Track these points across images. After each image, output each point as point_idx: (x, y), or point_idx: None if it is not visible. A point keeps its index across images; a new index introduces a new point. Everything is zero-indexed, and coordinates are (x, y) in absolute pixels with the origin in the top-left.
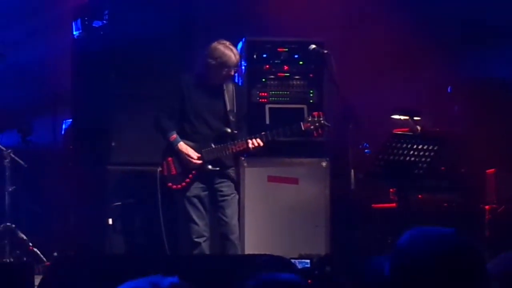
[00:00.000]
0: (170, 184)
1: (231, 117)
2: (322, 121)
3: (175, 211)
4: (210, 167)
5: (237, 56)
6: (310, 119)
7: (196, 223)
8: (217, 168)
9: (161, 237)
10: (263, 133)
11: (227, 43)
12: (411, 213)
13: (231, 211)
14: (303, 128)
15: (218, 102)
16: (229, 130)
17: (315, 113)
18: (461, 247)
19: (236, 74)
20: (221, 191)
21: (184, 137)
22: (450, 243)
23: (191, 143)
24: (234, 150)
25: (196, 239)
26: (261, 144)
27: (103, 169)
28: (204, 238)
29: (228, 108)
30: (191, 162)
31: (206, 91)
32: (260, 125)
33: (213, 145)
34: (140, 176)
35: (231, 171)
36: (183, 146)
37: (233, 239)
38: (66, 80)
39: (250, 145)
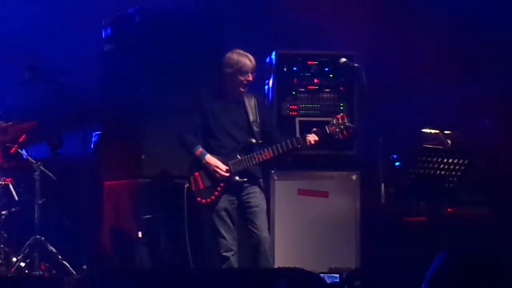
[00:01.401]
0: (199, 198)
1: (254, 127)
2: (347, 123)
3: (203, 225)
4: (237, 178)
5: (253, 62)
6: (334, 122)
7: (224, 237)
8: (245, 179)
9: (187, 252)
10: (304, 135)
11: (241, 51)
12: (442, 227)
13: (260, 223)
14: (328, 132)
15: (240, 114)
16: (254, 140)
17: (339, 116)
18: (494, 266)
19: (267, 87)
20: (249, 202)
21: (210, 151)
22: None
23: (217, 157)
24: (260, 160)
25: (224, 253)
26: (317, 138)
27: (133, 182)
28: (232, 252)
29: (251, 119)
30: (219, 173)
31: (227, 104)
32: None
33: (239, 157)
34: (170, 189)
35: (259, 182)
36: (210, 158)
37: (264, 251)
38: (96, 93)
39: (308, 142)
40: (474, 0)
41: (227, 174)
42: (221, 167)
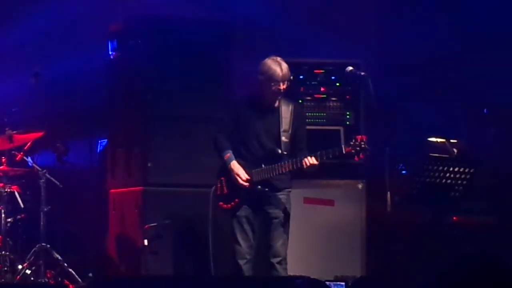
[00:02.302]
0: (221, 203)
1: (283, 138)
2: (363, 145)
3: (224, 230)
4: (259, 187)
5: (284, 71)
6: (352, 143)
7: (239, 244)
8: (266, 189)
9: (202, 258)
10: (318, 153)
11: (278, 58)
12: (447, 236)
13: (275, 234)
14: (344, 152)
15: (273, 122)
16: (279, 151)
17: (359, 137)
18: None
19: None
20: (268, 213)
21: (238, 157)
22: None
23: (243, 163)
24: (281, 171)
25: (238, 261)
26: (316, 162)
27: (139, 190)
28: (246, 261)
29: (283, 128)
30: (238, 182)
31: (261, 112)
32: (306, 150)
33: (263, 166)
34: (176, 197)
35: (282, 194)
36: (235, 165)
37: (275, 262)
38: (102, 101)
39: (304, 164)
40: (480, 8)
41: (246, 184)
42: (242, 176)
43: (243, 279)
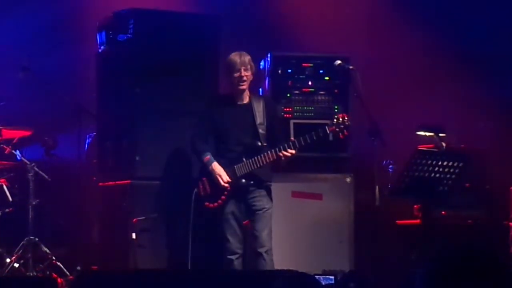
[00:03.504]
0: (207, 203)
1: (260, 130)
2: (347, 122)
3: (210, 230)
4: (243, 181)
5: (243, 57)
6: (335, 122)
7: (228, 241)
8: (251, 182)
9: (186, 253)
10: (291, 140)
11: (242, 52)
12: (435, 230)
13: (261, 225)
14: (328, 131)
15: (247, 116)
16: (259, 143)
17: (340, 115)
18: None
19: (261, 89)
20: (254, 205)
21: (218, 155)
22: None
23: (223, 161)
24: (263, 162)
25: (228, 257)
26: (293, 152)
27: (127, 183)
28: (237, 255)
29: (258, 121)
30: (220, 183)
31: (235, 109)
32: (284, 140)
33: (244, 160)
34: (164, 190)
35: (267, 186)
36: (216, 166)
37: (262, 252)
38: (90, 94)
39: (282, 157)
40: (471, 5)
41: (227, 186)
42: (223, 177)
43: (230, 274)
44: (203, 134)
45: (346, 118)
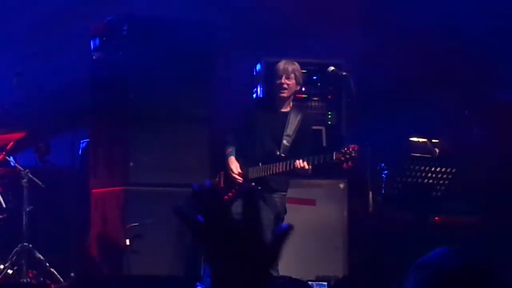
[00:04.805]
0: None
1: (285, 141)
2: (354, 154)
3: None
4: (253, 184)
5: (287, 65)
6: (344, 150)
7: None
8: (259, 187)
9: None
10: (310, 157)
11: (288, 60)
12: (429, 235)
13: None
14: (334, 158)
15: (279, 126)
16: (278, 152)
17: (351, 146)
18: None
19: (255, 95)
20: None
21: (240, 155)
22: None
23: (243, 161)
24: (274, 171)
25: None
26: (307, 167)
27: (120, 189)
28: None
29: (287, 132)
30: (231, 175)
31: (272, 114)
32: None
33: (260, 164)
34: (158, 197)
35: (276, 196)
36: (232, 159)
37: None
38: (84, 100)
39: (297, 165)
40: (461, 11)
41: (238, 178)
42: (235, 170)
43: None
44: (235, 128)
45: (355, 150)
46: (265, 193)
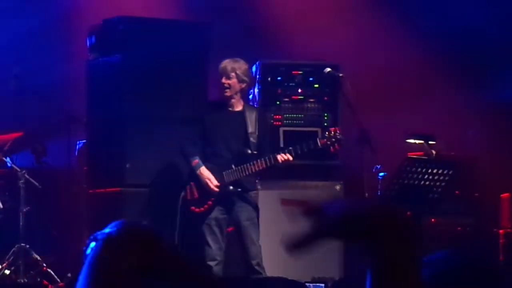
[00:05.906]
0: (193, 208)
1: (251, 139)
2: (338, 136)
3: (194, 235)
4: (231, 188)
5: (225, 64)
6: (327, 135)
7: (209, 246)
8: (239, 189)
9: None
10: (291, 148)
11: (229, 59)
12: (425, 238)
13: (251, 236)
14: (319, 144)
15: (239, 125)
16: (249, 151)
17: (332, 129)
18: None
19: (251, 96)
20: (240, 216)
21: (207, 161)
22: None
23: (213, 166)
24: (253, 170)
25: (208, 262)
26: (291, 158)
27: (117, 190)
28: (216, 262)
29: (250, 130)
30: (209, 187)
31: (227, 115)
32: (274, 147)
33: (233, 167)
34: (154, 198)
35: (252, 195)
36: (204, 170)
37: (254, 264)
38: (80, 101)
39: (280, 159)
40: (461, 11)
41: (217, 190)
42: (213, 181)
43: (222, 281)
44: (193, 138)
45: (338, 132)
46: (243, 193)
